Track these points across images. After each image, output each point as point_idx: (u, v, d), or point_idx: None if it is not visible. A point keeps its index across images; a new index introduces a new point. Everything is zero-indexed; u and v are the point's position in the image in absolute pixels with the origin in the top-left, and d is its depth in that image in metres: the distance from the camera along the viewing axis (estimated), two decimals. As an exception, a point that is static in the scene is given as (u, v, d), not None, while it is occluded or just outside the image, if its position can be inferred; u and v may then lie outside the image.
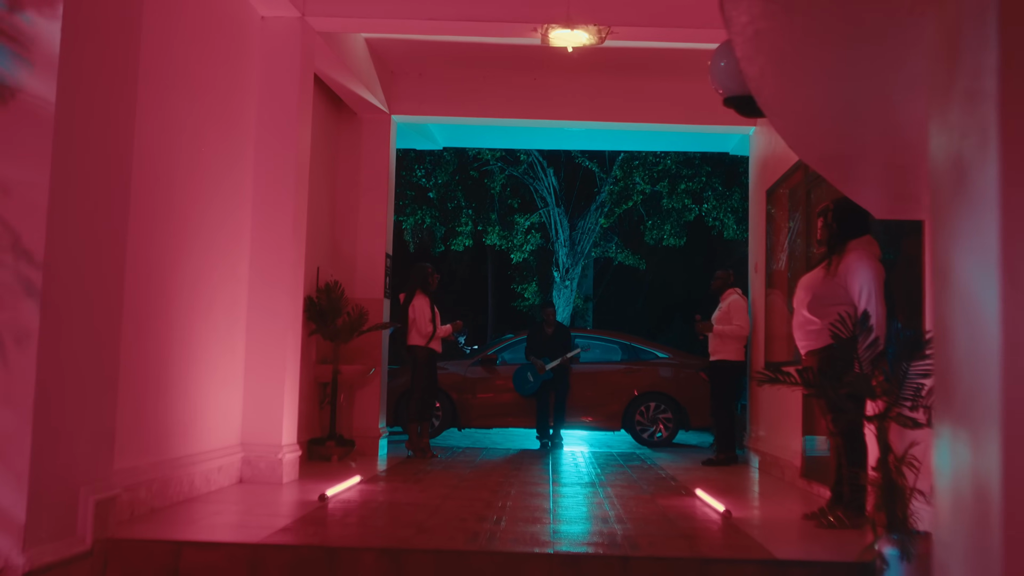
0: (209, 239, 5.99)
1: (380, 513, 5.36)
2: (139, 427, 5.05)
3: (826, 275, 5.36)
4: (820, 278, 5.41)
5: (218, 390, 6.16)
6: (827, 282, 5.31)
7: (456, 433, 13.01)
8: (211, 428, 6.05)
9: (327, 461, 8.14)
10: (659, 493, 6.61)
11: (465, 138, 12.35)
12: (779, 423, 8.07)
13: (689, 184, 16.07)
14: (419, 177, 17.06)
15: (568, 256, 18.06)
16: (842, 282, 5.23)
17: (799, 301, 5.42)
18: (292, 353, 6.77)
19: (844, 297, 5.16)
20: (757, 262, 9.21)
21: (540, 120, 9.61)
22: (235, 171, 6.44)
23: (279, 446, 6.57)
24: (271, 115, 6.78)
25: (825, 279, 5.34)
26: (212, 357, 6.04)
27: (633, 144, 13.11)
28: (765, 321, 8.78)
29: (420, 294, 8.91)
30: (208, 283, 5.97)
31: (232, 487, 6.24)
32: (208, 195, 5.97)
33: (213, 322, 6.05)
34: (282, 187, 6.76)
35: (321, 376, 8.50)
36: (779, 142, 8.47)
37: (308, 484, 6.53)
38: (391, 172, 9.52)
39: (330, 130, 9.05)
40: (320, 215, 8.70)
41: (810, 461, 7.09)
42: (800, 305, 5.39)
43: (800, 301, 5.41)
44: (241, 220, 6.55)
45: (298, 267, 6.90)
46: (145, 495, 5.03)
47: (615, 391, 11.82)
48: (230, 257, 6.35)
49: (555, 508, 5.73)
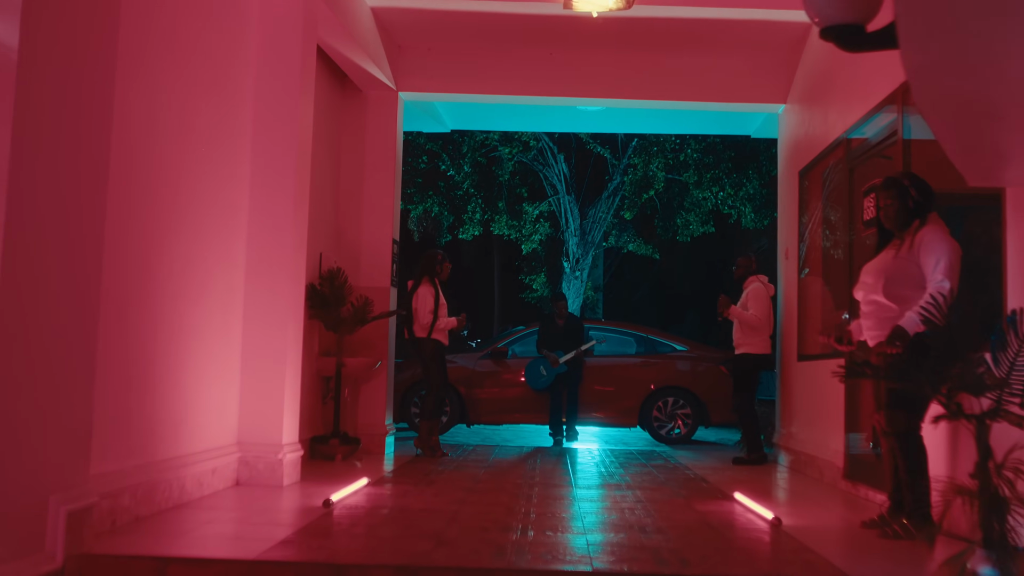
0: (201, 219, 5.43)
1: (391, 521, 4.81)
2: (122, 426, 4.51)
3: (896, 255, 4.80)
4: (890, 259, 4.85)
5: (212, 384, 5.62)
6: (900, 263, 4.75)
7: (464, 429, 12.47)
8: (204, 426, 5.51)
9: (331, 460, 7.60)
10: (694, 496, 6.06)
11: (475, 120, 11.76)
12: (816, 419, 7.52)
13: (716, 172, 15.36)
14: (442, 167, 16.28)
15: (578, 246, 17.41)
16: (915, 260, 4.68)
17: (868, 288, 4.84)
18: (293, 344, 6.22)
19: (921, 278, 4.61)
20: (788, 248, 8.65)
21: (556, 97, 9.04)
22: (231, 146, 5.88)
23: (279, 445, 6.03)
24: (270, 86, 6.22)
25: (896, 260, 4.78)
26: (206, 348, 5.49)
27: (651, 127, 12.54)
28: (798, 311, 8.23)
29: (427, 283, 8.36)
30: (201, 267, 5.42)
31: (228, 491, 5.70)
32: (200, 171, 5.42)
33: (206, 310, 5.50)
34: (282, 165, 6.20)
35: (324, 369, 7.95)
36: (813, 120, 7.92)
37: (311, 487, 6.00)
38: (398, 153, 8.96)
39: (333, 107, 8.49)
40: (323, 198, 8.15)
41: (854, 461, 6.55)
42: (871, 292, 4.81)
43: (870, 287, 4.83)
44: (238, 200, 5.99)
45: (300, 251, 6.35)
46: (129, 502, 4.49)
47: (631, 386, 11.27)
48: (225, 239, 5.80)
49: (584, 514, 5.19)
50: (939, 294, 4.07)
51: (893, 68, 5.90)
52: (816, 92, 7.92)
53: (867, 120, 6.51)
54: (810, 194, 8.17)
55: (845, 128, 6.94)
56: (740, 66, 8.85)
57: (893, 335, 4.49)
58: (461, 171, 16.20)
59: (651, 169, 15.55)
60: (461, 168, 16.15)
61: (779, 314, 8.68)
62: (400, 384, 10.94)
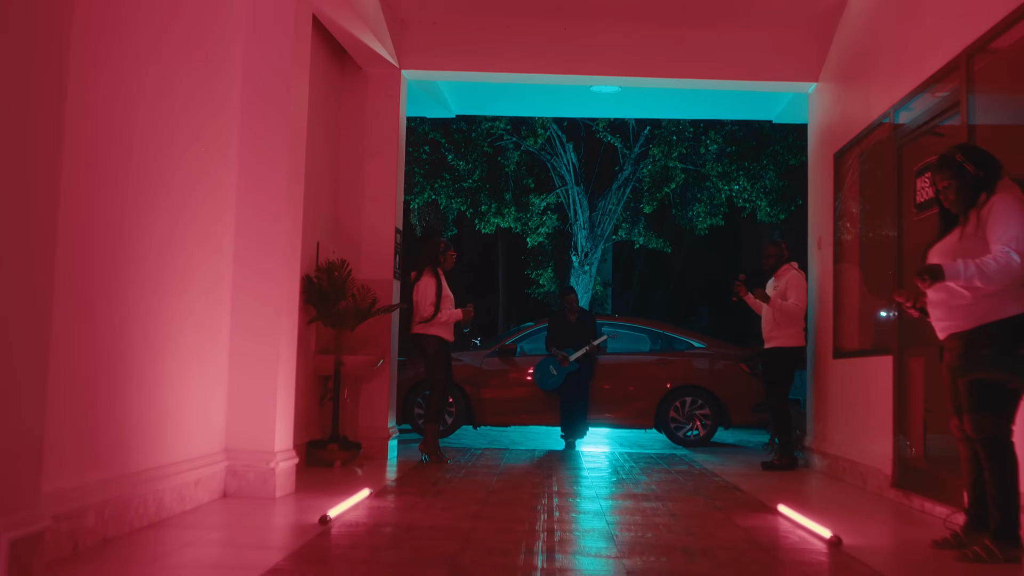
0: (182, 199, 4.82)
1: (397, 543, 4.21)
2: (86, 435, 3.90)
3: (963, 236, 4.20)
4: (955, 242, 4.26)
5: (196, 386, 5.01)
6: (968, 243, 4.16)
7: (471, 431, 11.86)
8: (186, 432, 4.90)
9: (329, 467, 7.00)
10: (732, 508, 5.45)
11: (481, 104, 11.13)
12: (857, 421, 6.91)
13: (741, 163, 14.60)
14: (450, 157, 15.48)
15: (587, 239, 16.71)
16: (983, 236, 4.09)
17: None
18: (287, 340, 5.62)
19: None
20: (821, 236, 8.03)
21: (569, 76, 8.41)
22: (216, 118, 5.27)
23: (271, 453, 5.42)
24: (261, 50, 5.61)
25: (963, 241, 4.19)
26: (187, 345, 4.88)
27: (667, 111, 11.91)
28: (834, 303, 7.61)
29: (428, 273, 7.73)
30: (181, 254, 4.80)
31: (213, 504, 5.09)
32: (181, 143, 4.80)
33: (188, 301, 4.89)
34: (275, 142, 5.59)
35: (321, 368, 7.34)
36: (850, 97, 7.31)
37: (306, 498, 5.40)
38: (401, 135, 8.35)
39: (332, 86, 7.87)
40: (320, 183, 7.54)
41: (906, 468, 5.94)
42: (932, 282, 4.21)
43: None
44: (224, 179, 5.38)
45: (294, 238, 5.74)
46: (94, 522, 3.88)
47: (646, 385, 10.65)
48: (211, 223, 5.19)
49: (615, 531, 4.58)
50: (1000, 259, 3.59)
51: (954, 33, 5.32)
52: (855, 67, 7.30)
53: (919, 93, 5.90)
54: (847, 178, 7.56)
55: (892, 103, 6.33)
56: (767, 41, 8.23)
57: (924, 270, 4.03)
58: (470, 159, 15.37)
59: (671, 160, 14.78)
60: (468, 157, 15.34)
61: (811, 307, 8.07)
62: (403, 384, 10.33)
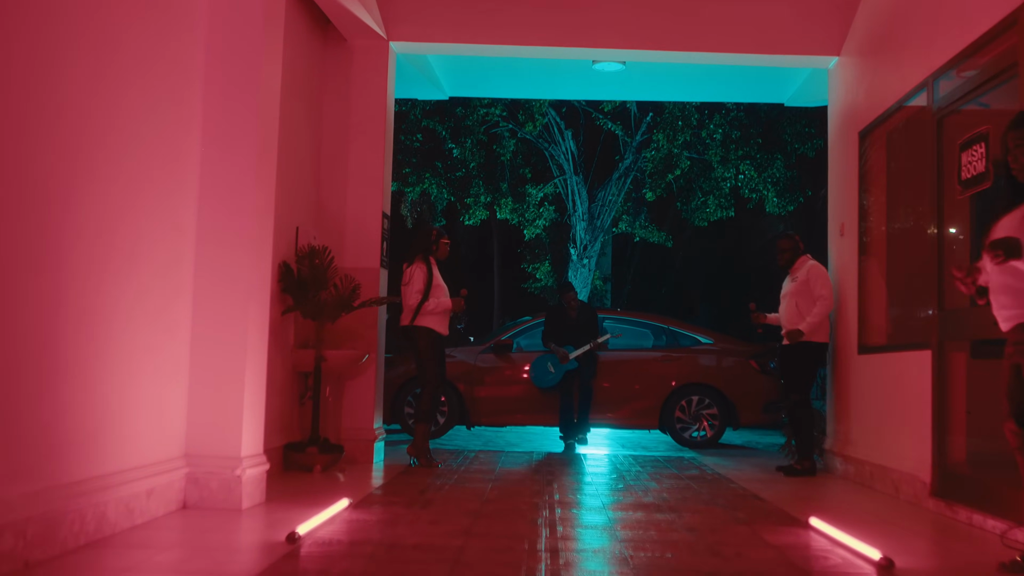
0: (129, 167, 4.19)
1: (377, 567, 3.59)
2: (4, 441, 3.28)
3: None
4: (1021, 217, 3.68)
5: (148, 383, 4.38)
6: None
7: (464, 432, 11.24)
8: (136, 436, 4.28)
9: (308, 472, 6.40)
10: (757, 521, 4.84)
11: (476, 84, 10.48)
12: (887, 422, 6.31)
13: (746, 149, 13.84)
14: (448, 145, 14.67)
15: (586, 231, 16.01)
16: None
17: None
18: (256, 331, 4.99)
19: None
20: (844, 222, 7.42)
21: (570, 48, 7.78)
22: (174, 77, 4.64)
23: (237, 458, 4.80)
24: (229, 5, 4.98)
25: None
26: (137, 336, 4.26)
27: (673, 93, 11.27)
28: (859, 294, 7.00)
29: (419, 261, 7.11)
30: (130, 229, 4.18)
31: (170, 518, 4.47)
32: (131, 103, 4.17)
33: (139, 286, 4.26)
34: (244, 108, 4.97)
35: (301, 364, 6.72)
36: (879, 70, 6.72)
37: (278, 509, 4.78)
38: (389, 113, 7.72)
39: (314, 58, 7.24)
40: (301, 164, 6.92)
41: (948, 475, 5.34)
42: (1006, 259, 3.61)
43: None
44: (184, 149, 4.75)
45: (265, 216, 5.11)
46: (12, 544, 3.25)
47: (650, 383, 10.04)
48: (166, 197, 4.56)
49: (628, 551, 3.97)
50: None
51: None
52: (885, 35, 6.69)
53: (964, 58, 5.29)
54: (873, 158, 6.96)
55: (930, 71, 5.72)
56: (784, 11, 7.61)
57: (1000, 243, 3.50)
58: (464, 149, 14.60)
59: (675, 146, 14.04)
60: (463, 145, 14.57)
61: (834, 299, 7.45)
62: (393, 381, 9.71)
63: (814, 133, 14.29)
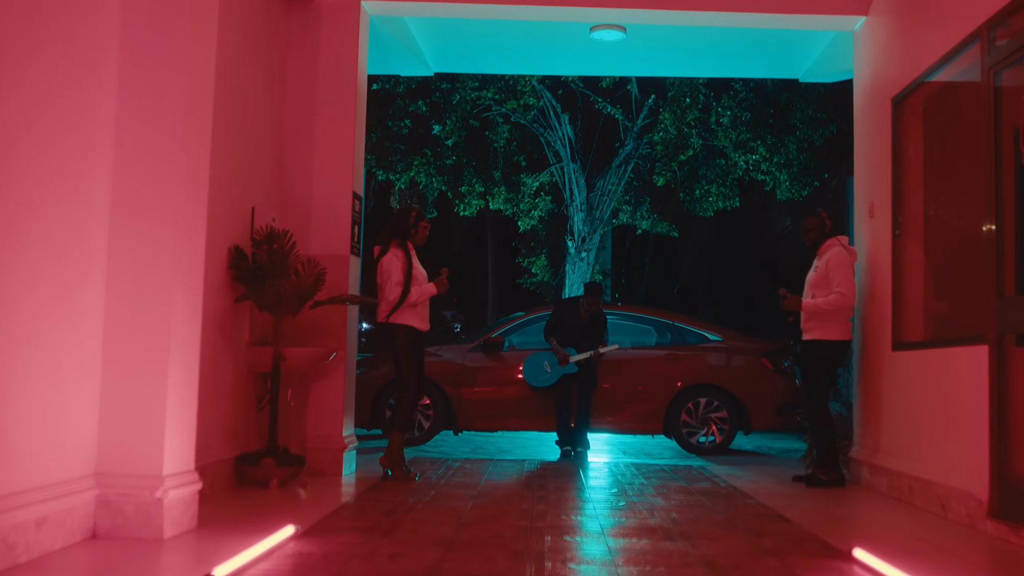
0: (14, 119, 3.35)
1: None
2: None
3: None
4: None
5: (41, 387, 3.54)
6: None
7: (451, 438, 10.39)
8: (24, 453, 3.44)
9: (264, 487, 5.57)
10: (787, 551, 4.00)
11: (463, 58, 9.61)
12: (930, 429, 5.47)
13: (758, 130, 12.88)
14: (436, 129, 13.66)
15: (584, 223, 15.11)
16: None
17: None
18: (184, 324, 4.15)
19: None
20: (874, 202, 6.57)
21: (565, 8, 6.95)
22: (78, 12, 3.80)
23: (158, 477, 3.95)
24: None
25: None
26: (24, 329, 3.42)
27: (678, 68, 10.40)
28: (893, 284, 6.16)
29: (396, 247, 6.28)
30: (7, 196, 3.33)
31: (69, 551, 3.63)
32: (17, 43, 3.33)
33: (24, 267, 3.42)
34: (168, 53, 4.13)
35: (258, 364, 5.88)
36: (915, 28, 5.88)
37: (208, 539, 3.95)
38: (360, 81, 6.87)
39: (274, 17, 6.40)
40: (259, 137, 6.08)
41: (1011, 493, 4.50)
42: None
43: None
44: (90, 103, 3.91)
45: (196, 183, 4.26)
46: None
47: (653, 384, 9.19)
48: (65, 157, 3.72)
49: (633, 599, 3.14)
50: None
51: None
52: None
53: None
54: (908, 128, 6.12)
55: (985, 19, 4.88)
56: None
57: None
58: (451, 132, 13.63)
59: (684, 124, 13.04)
60: (447, 127, 13.60)
61: (860, 290, 6.61)
62: (374, 382, 8.89)
63: (826, 119, 13.42)
